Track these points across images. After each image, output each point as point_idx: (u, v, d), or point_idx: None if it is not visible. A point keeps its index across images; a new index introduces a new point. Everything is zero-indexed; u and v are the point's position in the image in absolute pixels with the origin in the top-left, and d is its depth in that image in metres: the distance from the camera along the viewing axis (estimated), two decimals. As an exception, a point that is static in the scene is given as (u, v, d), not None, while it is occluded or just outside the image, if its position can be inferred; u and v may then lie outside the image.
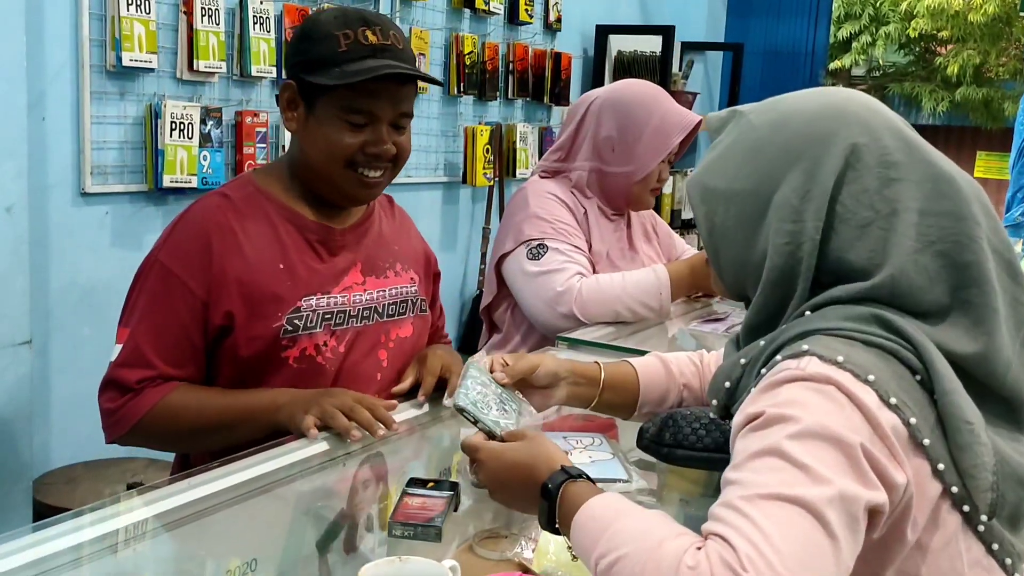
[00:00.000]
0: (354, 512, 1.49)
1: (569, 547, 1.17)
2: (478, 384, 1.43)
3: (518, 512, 1.31)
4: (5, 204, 2.17)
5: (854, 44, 14.19)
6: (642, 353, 2.01)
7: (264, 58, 2.97)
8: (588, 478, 1.14)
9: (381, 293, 1.78)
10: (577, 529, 1.06)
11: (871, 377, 1.02)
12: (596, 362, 1.63)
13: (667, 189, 5.04)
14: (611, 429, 1.70)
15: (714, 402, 1.21)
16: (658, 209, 4.73)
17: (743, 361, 1.16)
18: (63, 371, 2.52)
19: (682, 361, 1.64)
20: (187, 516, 1.31)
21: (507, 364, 1.52)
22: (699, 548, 0.94)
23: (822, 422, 0.97)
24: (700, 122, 2.42)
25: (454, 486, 1.32)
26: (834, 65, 15.01)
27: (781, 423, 0.98)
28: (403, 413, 1.70)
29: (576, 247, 2.41)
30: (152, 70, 2.66)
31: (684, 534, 0.98)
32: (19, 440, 2.30)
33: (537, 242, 2.37)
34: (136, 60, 2.59)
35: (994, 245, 1.10)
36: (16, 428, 2.30)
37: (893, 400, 1.01)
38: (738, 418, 1.05)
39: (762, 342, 1.14)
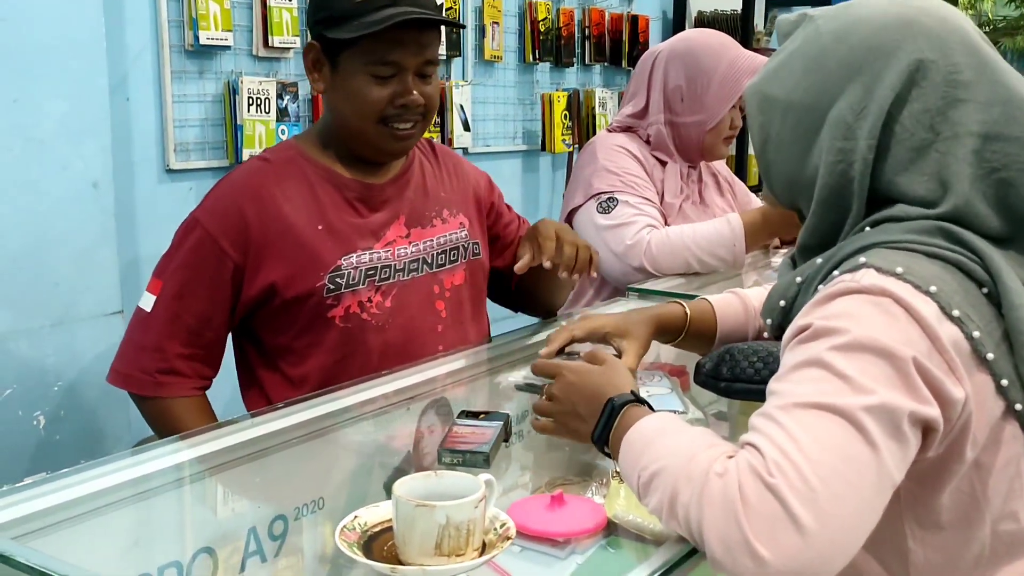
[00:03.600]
0: (420, 455, 1.52)
1: (617, 472, 1.18)
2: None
3: (579, 443, 1.31)
4: (91, 180, 2.27)
5: (960, -1, 13.64)
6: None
7: (337, 32, 3.02)
8: (651, 408, 1.14)
9: (429, 243, 1.78)
10: (626, 446, 1.07)
11: (933, 288, 0.98)
12: (681, 304, 1.60)
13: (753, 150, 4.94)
14: (683, 375, 1.70)
15: (768, 321, 1.18)
16: (743, 169, 4.68)
17: (799, 279, 1.13)
18: (157, 342, 2.63)
19: (760, 294, 1.61)
20: (253, 453, 1.37)
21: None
22: (730, 457, 0.94)
23: (871, 334, 0.94)
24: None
25: (505, 417, 1.33)
26: (939, 22, 14.44)
27: (828, 335, 0.96)
28: (464, 359, 1.74)
29: (646, 199, 2.40)
30: (228, 48, 2.74)
31: (718, 445, 0.98)
32: (116, 406, 2.40)
33: (607, 195, 2.37)
34: (213, 38, 2.67)
35: None
36: (113, 394, 2.39)
37: (956, 312, 0.98)
38: (788, 332, 1.03)
39: (819, 260, 1.11)
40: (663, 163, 2.46)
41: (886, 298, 0.97)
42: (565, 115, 4.04)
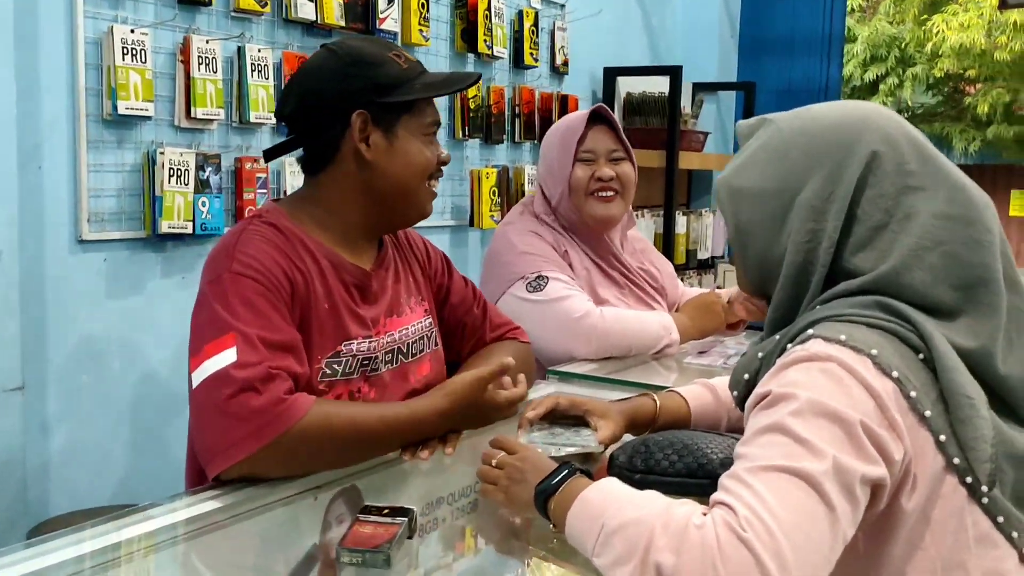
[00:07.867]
0: (326, 547, 1.47)
1: (554, 527, 1.24)
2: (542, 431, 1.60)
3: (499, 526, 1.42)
4: (-5, 250, 2.19)
5: (881, 86, 14.14)
6: (637, 386, 1.99)
7: (263, 105, 2.99)
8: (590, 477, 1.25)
9: (403, 332, 1.76)
10: (582, 502, 1.16)
11: (873, 352, 1.10)
12: (651, 396, 1.68)
13: (681, 229, 4.99)
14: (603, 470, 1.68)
15: (734, 393, 1.29)
16: (671, 249, 4.71)
17: (760, 355, 1.25)
18: (62, 419, 2.51)
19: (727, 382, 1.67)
20: (156, 544, 1.31)
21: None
22: (704, 514, 1.03)
23: (822, 400, 1.05)
24: (598, 109, 2.50)
25: (410, 512, 1.28)
26: (861, 108, 14.89)
27: (785, 401, 1.07)
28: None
29: (572, 279, 2.41)
30: (149, 118, 2.69)
31: (687, 503, 1.07)
32: (12, 487, 2.29)
33: (535, 274, 2.37)
34: (132, 108, 2.61)
35: (1002, 251, 1.17)
36: (9, 474, 2.29)
37: (895, 373, 1.09)
38: (750, 400, 1.14)
39: (777, 336, 1.23)
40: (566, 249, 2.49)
41: (831, 363, 1.09)
42: (494, 191, 4.05)
